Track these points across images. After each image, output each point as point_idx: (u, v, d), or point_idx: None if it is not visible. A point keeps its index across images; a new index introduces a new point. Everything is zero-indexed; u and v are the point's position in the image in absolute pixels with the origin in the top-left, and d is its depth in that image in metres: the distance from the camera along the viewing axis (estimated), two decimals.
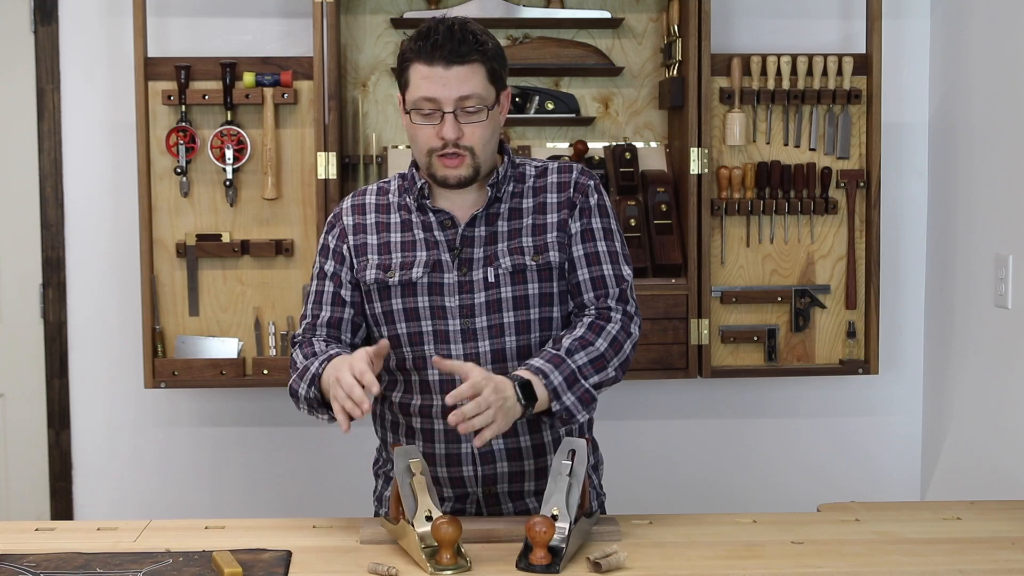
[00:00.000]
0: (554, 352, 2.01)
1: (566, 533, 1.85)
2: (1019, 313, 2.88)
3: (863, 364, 3.23)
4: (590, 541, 1.95)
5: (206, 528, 2.06)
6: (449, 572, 1.80)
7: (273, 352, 3.18)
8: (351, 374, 1.88)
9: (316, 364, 2.02)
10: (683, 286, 3.16)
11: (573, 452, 1.92)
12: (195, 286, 3.17)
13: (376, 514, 2.24)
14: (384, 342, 2.00)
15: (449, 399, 1.87)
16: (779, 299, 3.24)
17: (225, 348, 3.18)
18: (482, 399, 1.87)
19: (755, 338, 3.23)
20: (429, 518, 1.86)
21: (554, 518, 1.86)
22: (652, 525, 2.07)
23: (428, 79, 2.00)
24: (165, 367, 3.13)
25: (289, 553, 1.90)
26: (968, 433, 3.19)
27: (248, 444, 3.43)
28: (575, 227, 2.11)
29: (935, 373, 3.39)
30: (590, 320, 2.07)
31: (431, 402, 2.09)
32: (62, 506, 3.40)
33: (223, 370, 3.14)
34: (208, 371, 3.13)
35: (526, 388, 1.94)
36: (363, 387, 1.87)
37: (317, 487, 3.42)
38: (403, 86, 2.06)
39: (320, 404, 2.02)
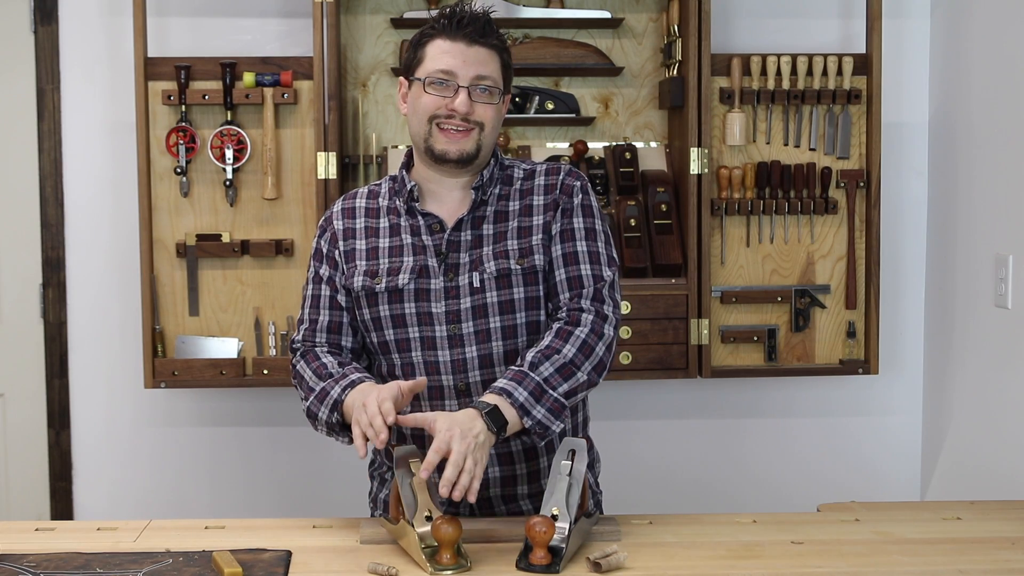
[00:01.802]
0: (517, 369, 1.98)
1: (566, 533, 1.85)
2: (1019, 313, 2.88)
3: (863, 364, 3.23)
4: (590, 541, 1.96)
5: (206, 528, 2.06)
6: (449, 572, 1.80)
7: (273, 352, 3.18)
8: (376, 402, 1.89)
9: (337, 390, 2.01)
10: (683, 286, 3.16)
11: (573, 452, 1.93)
12: (195, 286, 3.17)
13: (372, 515, 2.24)
14: (422, 380, 1.99)
15: (423, 473, 1.84)
16: (779, 299, 3.24)
17: (225, 348, 3.18)
18: (455, 457, 1.83)
19: (755, 338, 3.23)
20: (429, 518, 1.86)
21: (554, 518, 1.86)
22: (652, 525, 2.07)
23: (448, 53, 2.02)
24: (165, 367, 3.13)
25: (289, 553, 1.90)
26: (968, 433, 3.19)
27: (248, 444, 3.43)
28: (556, 227, 2.09)
29: (935, 373, 3.39)
30: (558, 326, 2.04)
31: (420, 408, 2.09)
32: (62, 506, 3.40)
33: (223, 370, 3.14)
34: (208, 371, 3.13)
35: (494, 413, 1.91)
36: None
37: (317, 487, 3.42)
38: (416, 63, 2.06)
39: (342, 428, 2.03)
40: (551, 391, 1.97)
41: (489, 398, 1.94)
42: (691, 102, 3.14)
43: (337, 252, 2.13)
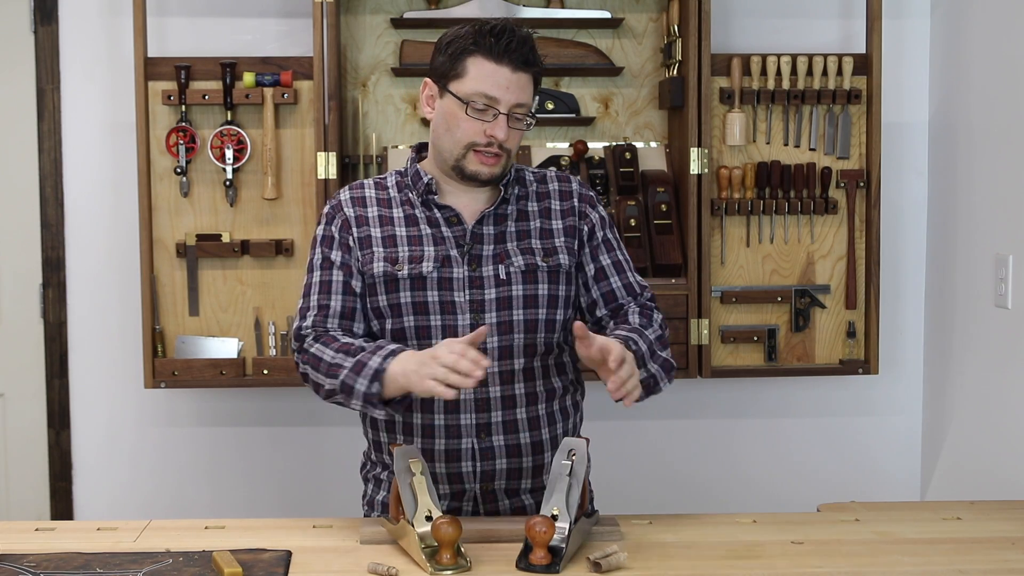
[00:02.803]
0: (631, 327, 2.09)
1: (566, 533, 1.85)
2: (1019, 313, 2.88)
3: (863, 364, 3.23)
4: (590, 541, 1.96)
5: (206, 528, 2.06)
6: (449, 572, 1.80)
7: (273, 352, 3.18)
8: (449, 351, 1.87)
9: (377, 359, 1.96)
10: (683, 286, 3.16)
11: (573, 452, 1.93)
12: (195, 286, 3.17)
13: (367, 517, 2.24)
14: (484, 329, 1.94)
15: (613, 388, 1.89)
16: (779, 299, 3.24)
17: (225, 348, 3.18)
18: (630, 362, 1.92)
19: (755, 338, 3.23)
20: (429, 518, 1.86)
21: (554, 518, 1.86)
22: (652, 525, 2.07)
23: (492, 76, 2.02)
24: (165, 367, 3.13)
25: (289, 553, 1.90)
26: (968, 433, 3.19)
27: (248, 444, 3.43)
28: (599, 236, 2.19)
29: (935, 373, 3.39)
30: (639, 310, 2.15)
31: (432, 396, 2.09)
32: (62, 506, 3.40)
33: (223, 370, 3.14)
34: (208, 371, 3.13)
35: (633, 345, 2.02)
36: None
37: (317, 487, 3.42)
38: (452, 75, 2.05)
39: (380, 400, 1.98)
40: (659, 352, 2.09)
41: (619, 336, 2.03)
42: (691, 102, 3.14)
43: (351, 238, 2.12)
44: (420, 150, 2.20)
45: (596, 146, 3.31)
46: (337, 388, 2.00)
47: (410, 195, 2.14)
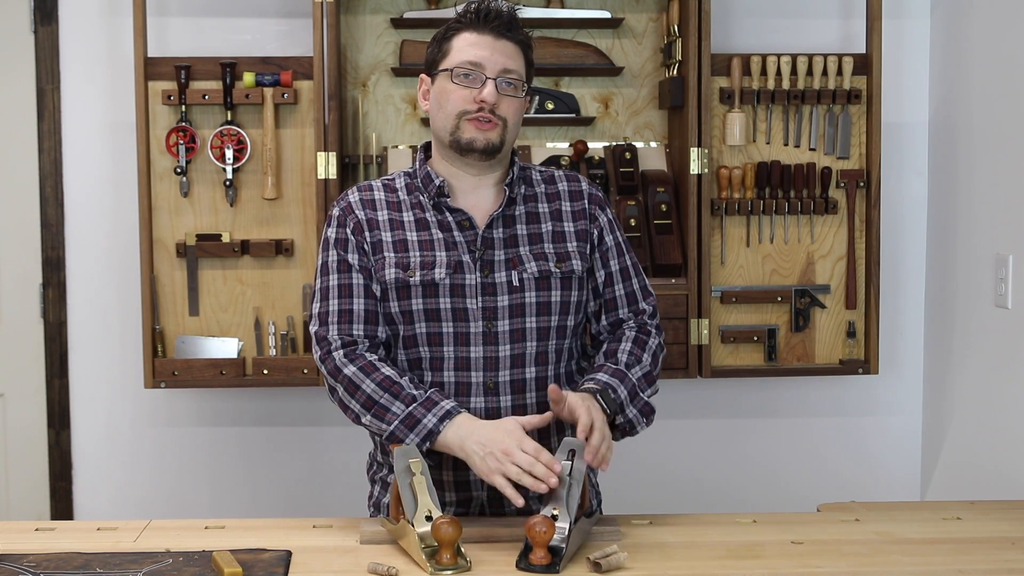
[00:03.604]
0: (616, 367, 2.09)
1: (566, 533, 1.85)
2: (1019, 313, 2.88)
3: (863, 364, 3.23)
4: (590, 541, 1.96)
5: (206, 528, 2.06)
6: (449, 572, 1.80)
7: (273, 352, 3.18)
8: (520, 449, 1.90)
9: (432, 419, 1.97)
10: (683, 286, 3.16)
11: (573, 452, 1.93)
12: (195, 286, 3.17)
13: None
14: (548, 415, 2.00)
15: (589, 458, 1.91)
16: (779, 299, 3.24)
17: (225, 348, 3.18)
18: (599, 424, 1.94)
19: (755, 338, 3.23)
20: (429, 518, 1.86)
21: (554, 518, 1.86)
22: (652, 525, 2.07)
23: (476, 45, 2.04)
24: (165, 367, 3.13)
25: (289, 553, 1.90)
26: (968, 433, 3.19)
27: (248, 444, 3.43)
28: (608, 240, 2.17)
29: (935, 373, 3.39)
30: (634, 335, 2.16)
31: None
32: (62, 506, 3.40)
33: (223, 370, 3.14)
34: (208, 371, 3.13)
35: (605, 395, 2.02)
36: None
37: (317, 487, 3.42)
38: (440, 57, 2.07)
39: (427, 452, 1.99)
40: (641, 394, 2.10)
41: (594, 387, 2.03)
42: (691, 102, 3.14)
43: (365, 242, 2.10)
44: (427, 150, 2.18)
45: (596, 146, 3.31)
46: (384, 435, 2.01)
47: (421, 197, 2.12)
